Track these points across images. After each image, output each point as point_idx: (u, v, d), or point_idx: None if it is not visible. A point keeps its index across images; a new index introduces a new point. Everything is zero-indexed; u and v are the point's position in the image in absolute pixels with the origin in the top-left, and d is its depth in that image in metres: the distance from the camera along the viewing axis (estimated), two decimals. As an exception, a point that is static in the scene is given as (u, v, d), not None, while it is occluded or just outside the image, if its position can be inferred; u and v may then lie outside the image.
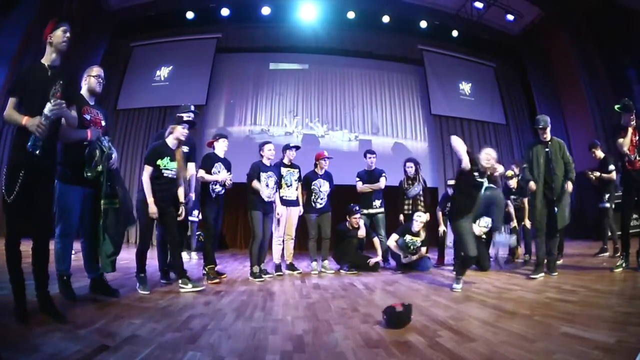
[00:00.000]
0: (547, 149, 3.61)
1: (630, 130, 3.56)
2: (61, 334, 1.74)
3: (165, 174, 3.01)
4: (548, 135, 3.63)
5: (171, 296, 2.77)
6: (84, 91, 2.63)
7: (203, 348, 1.65)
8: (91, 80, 2.64)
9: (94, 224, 2.54)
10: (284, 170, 4.20)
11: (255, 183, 3.78)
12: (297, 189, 4.28)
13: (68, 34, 2.08)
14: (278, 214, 4.08)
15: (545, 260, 3.59)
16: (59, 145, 2.21)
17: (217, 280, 3.44)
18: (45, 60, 2.06)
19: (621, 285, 3.05)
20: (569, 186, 3.55)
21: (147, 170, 2.96)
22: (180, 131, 3.10)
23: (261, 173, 3.84)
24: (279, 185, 4.10)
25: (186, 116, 3.37)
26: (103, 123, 2.65)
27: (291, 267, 4.22)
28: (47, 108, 1.88)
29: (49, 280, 2.04)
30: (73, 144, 2.34)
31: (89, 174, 2.37)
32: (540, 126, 3.63)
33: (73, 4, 6.87)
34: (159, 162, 2.98)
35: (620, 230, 3.83)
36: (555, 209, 3.53)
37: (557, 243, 3.65)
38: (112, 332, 1.81)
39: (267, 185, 3.83)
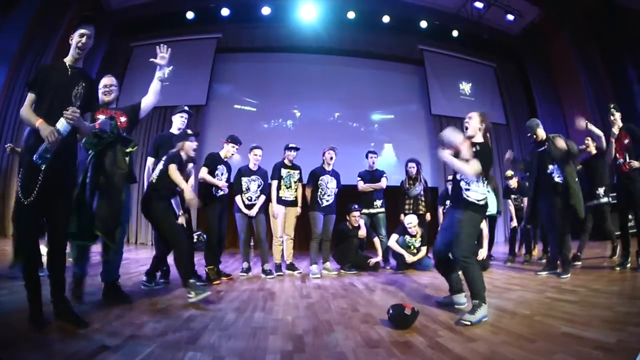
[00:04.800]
0: (541, 149, 3.63)
1: (615, 134, 3.69)
2: (61, 333, 1.74)
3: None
4: (542, 135, 3.66)
5: (171, 296, 2.77)
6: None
7: (203, 348, 1.65)
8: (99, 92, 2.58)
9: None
10: (283, 172, 4.21)
11: (237, 198, 3.98)
12: (296, 190, 4.28)
13: (84, 38, 2.00)
14: (275, 215, 4.08)
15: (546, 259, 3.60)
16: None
17: (217, 281, 3.44)
18: (68, 60, 2.01)
19: (621, 285, 3.04)
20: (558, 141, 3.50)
21: (173, 166, 2.86)
22: (190, 145, 3.05)
23: (242, 178, 3.98)
24: (278, 187, 4.15)
25: (189, 132, 3.20)
26: (123, 118, 2.60)
27: (291, 267, 4.22)
28: (60, 123, 1.80)
29: (65, 286, 1.99)
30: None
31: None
32: (528, 134, 3.73)
33: (73, 4, 6.87)
34: None
35: (619, 230, 3.87)
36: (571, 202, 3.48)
37: (568, 242, 3.57)
38: (112, 332, 1.81)
39: (249, 189, 3.96)
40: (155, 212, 2.80)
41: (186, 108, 3.65)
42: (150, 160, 3.48)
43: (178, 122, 3.57)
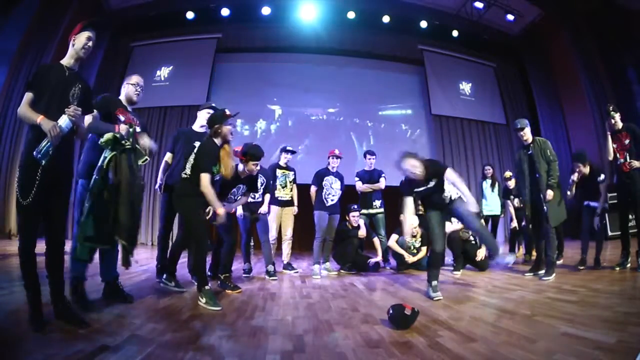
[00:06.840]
0: (529, 152, 3.62)
1: (609, 136, 3.70)
2: (61, 333, 1.74)
3: (216, 179, 2.76)
4: (528, 137, 3.63)
5: (171, 296, 2.77)
6: (122, 98, 2.68)
7: (203, 348, 1.65)
8: (129, 88, 2.67)
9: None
10: (278, 172, 4.30)
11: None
12: (291, 190, 4.36)
13: (91, 43, 2.03)
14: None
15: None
16: None
17: (239, 290, 3.01)
18: (65, 62, 2.01)
19: (621, 285, 3.04)
20: (549, 194, 3.42)
21: (207, 178, 2.61)
22: (229, 129, 2.79)
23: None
24: (273, 187, 4.17)
25: (228, 112, 2.86)
26: (138, 129, 2.51)
27: (288, 267, 4.23)
28: (62, 119, 1.81)
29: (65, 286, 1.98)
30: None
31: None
32: (517, 127, 3.65)
33: (73, 4, 6.87)
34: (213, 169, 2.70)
35: (619, 230, 3.86)
36: (545, 208, 3.49)
37: (553, 244, 3.57)
38: (112, 332, 1.81)
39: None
40: (184, 207, 2.73)
41: (213, 105, 3.52)
42: (168, 155, 3.42)
43: (204, 117, 3.34)
